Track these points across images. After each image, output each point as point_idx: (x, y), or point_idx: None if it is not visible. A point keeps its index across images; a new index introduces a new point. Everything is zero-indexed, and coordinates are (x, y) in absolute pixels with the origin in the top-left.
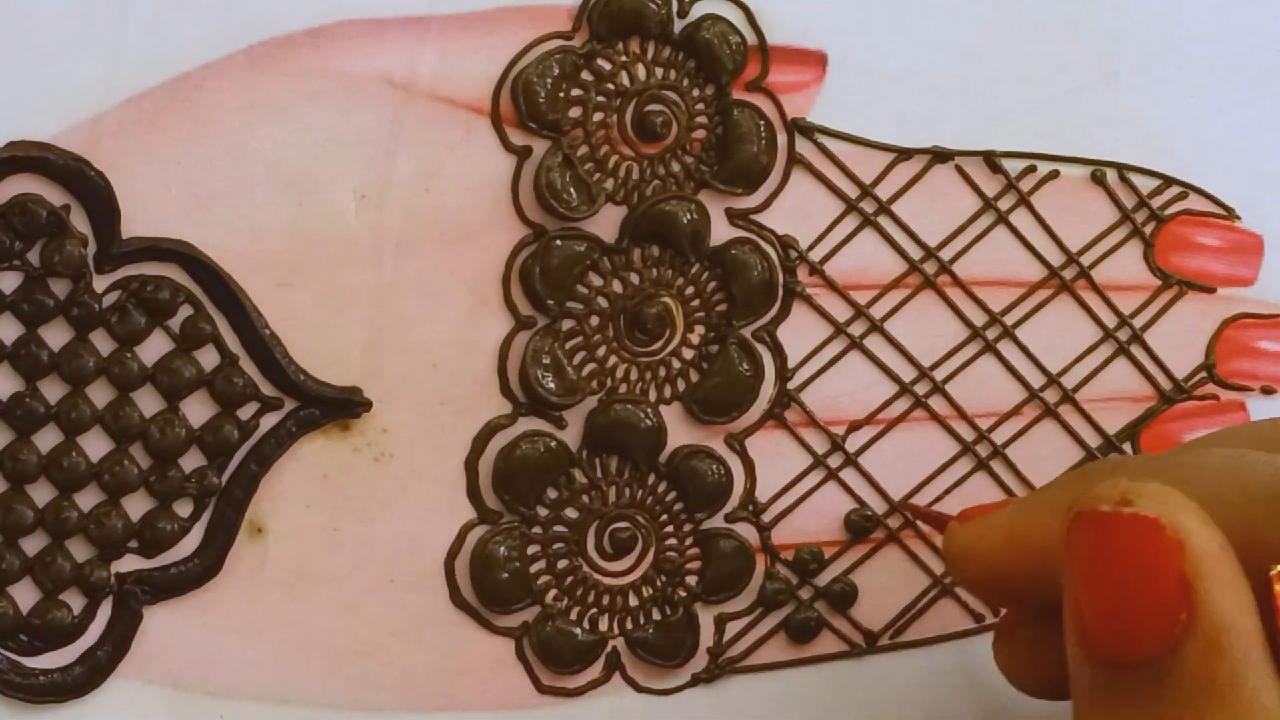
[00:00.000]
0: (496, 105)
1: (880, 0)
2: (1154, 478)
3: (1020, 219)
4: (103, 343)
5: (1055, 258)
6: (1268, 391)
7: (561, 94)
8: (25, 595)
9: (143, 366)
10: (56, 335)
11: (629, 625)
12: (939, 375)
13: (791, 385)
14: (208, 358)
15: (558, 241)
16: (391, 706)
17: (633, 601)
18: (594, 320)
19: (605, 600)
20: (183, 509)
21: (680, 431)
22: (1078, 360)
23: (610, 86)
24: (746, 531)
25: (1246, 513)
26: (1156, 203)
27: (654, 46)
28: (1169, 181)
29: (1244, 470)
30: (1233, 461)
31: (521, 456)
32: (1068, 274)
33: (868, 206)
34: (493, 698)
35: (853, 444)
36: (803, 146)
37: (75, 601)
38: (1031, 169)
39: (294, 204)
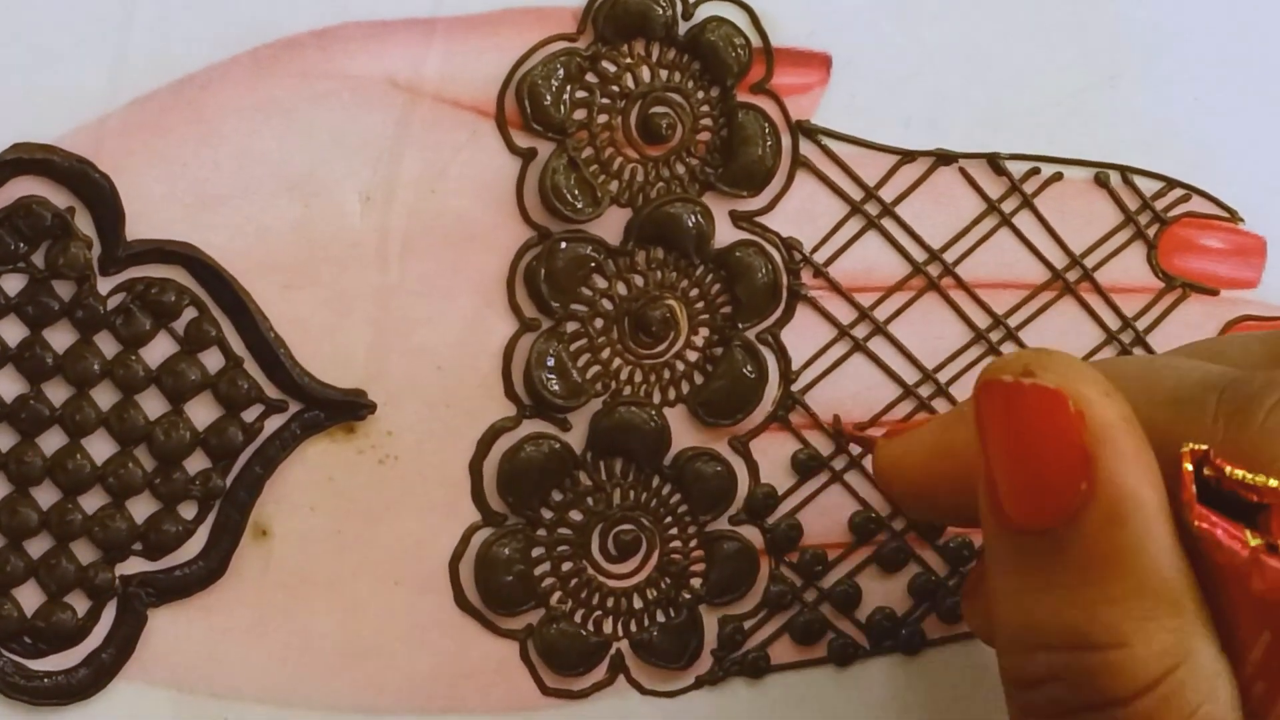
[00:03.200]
0: (501, 107)
1: (885, 3)
2: None
3: (1024, 221)
4: (107, 345)
5: (1059, 260)
6: None
7: (566, 96)
8: (30, 598)
9: (147, 369)
10: (61, 338)
11: (633, 627)
12: (943, 377)
13: (795, 387)
14: (212, 360)
15: (562, 244)
16: (396, 709)
17: (637, 604)
18: (598, 322)
19: (610, 602)
20: (187, 511)
21: (684, 434)
22: None
23: (615, 88)
24: (751, 534)
25: (1150, 416)
26: (1160, 205)
27: (659, 48)
28: (1172, 184)
29: (1152, 376)
30: (1144, 367)
31: (526, 459)
32: (1071, 276)
33: (872, 209)
34: (497, 700)
35: (856, 446)
36: (807, 149)
37: (80, 604)
38: (1035, 171)
39: (299, 206)
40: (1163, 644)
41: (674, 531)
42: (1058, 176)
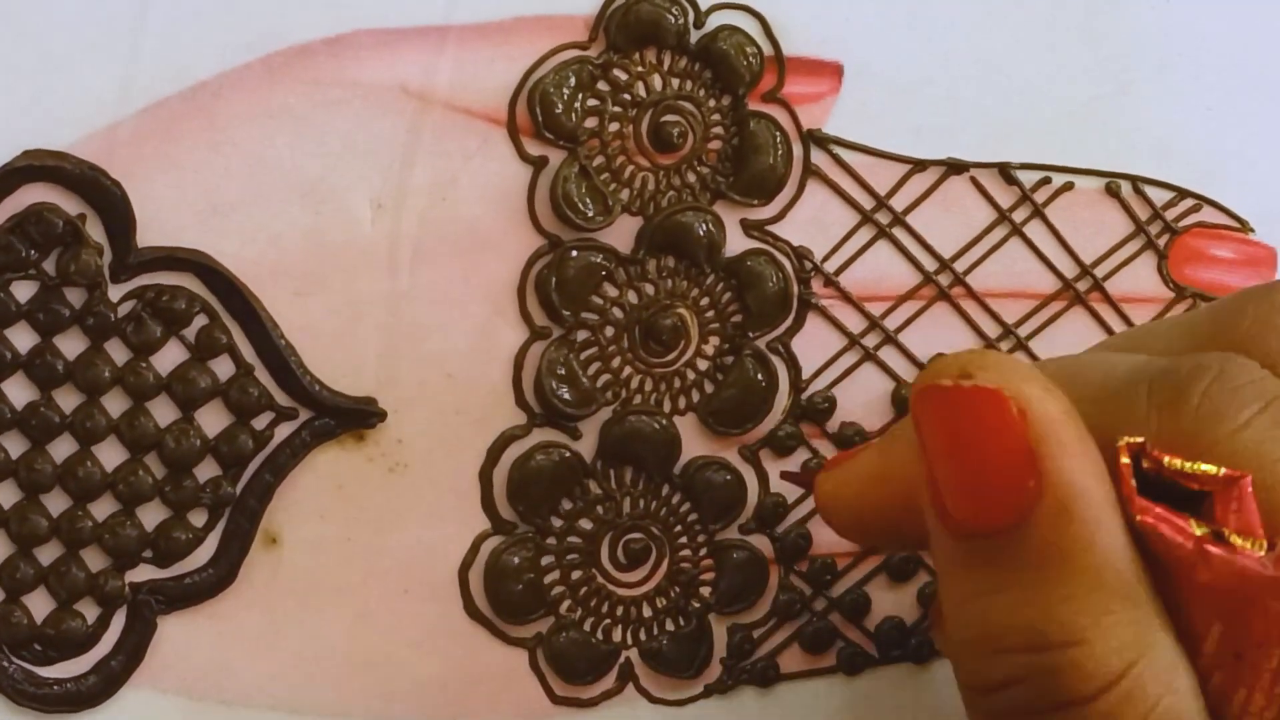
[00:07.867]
0: (513, 115)
1: (896, 12)
2: None
3: (1035, 231)
4: (118, 352)
5: (1069, 270)
6: None
7: (578, 104)
8: (39, 605)
9: (158, 376)
10: (72, 345)
11: (643, 636)
12: None
13: (805, 396)
14: (223, 367)
15: (573, 252)
16: (405, 717)
17: (647, 612)
18: (609, 331)
19: (619, 611)
20: (197, 519)
21: (695, 442)
22: None
23: (626, 97)
24: (760, 543)
25: (1082, 413)
26: (1170, 215)
27: (670, 57)
28: (1183, 194)
29: (1078, 373)
30: (1069, 365)
31: (536, 467)
32: (1082, 286)
33: (883, 218)
34: (506, 708)
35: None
36: (818, 157)
37: (89, 611)
38: (1046, 181)
39: (310, 213)
40: (1121, 639)
41: (684, 540)
42: (1069, 186)
